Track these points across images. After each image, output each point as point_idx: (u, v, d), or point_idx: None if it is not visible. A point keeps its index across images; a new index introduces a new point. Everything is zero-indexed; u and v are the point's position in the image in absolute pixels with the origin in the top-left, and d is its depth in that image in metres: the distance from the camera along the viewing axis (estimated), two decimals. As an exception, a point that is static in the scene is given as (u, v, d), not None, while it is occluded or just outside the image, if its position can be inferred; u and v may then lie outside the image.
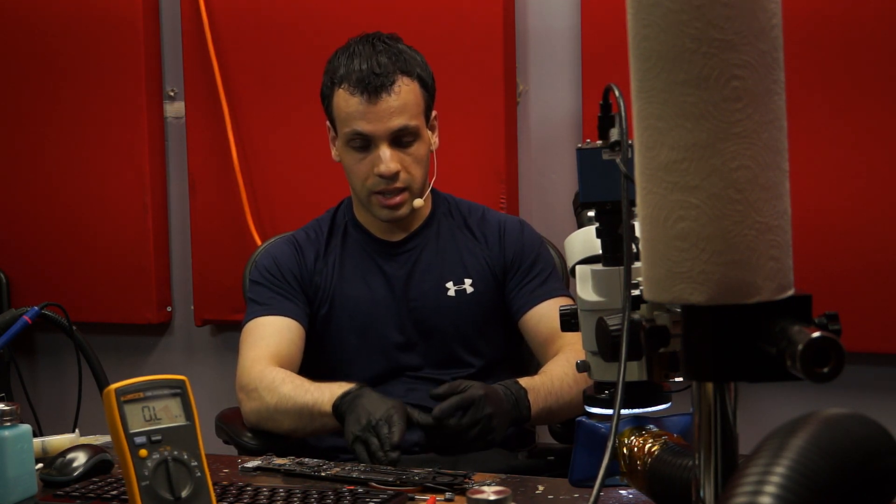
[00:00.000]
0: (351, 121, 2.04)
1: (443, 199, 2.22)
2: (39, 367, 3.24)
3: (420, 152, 2.08)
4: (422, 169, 2.09)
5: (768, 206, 0.89)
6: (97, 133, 3.04)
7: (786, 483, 0.76)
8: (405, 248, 2.16)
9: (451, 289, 2.13)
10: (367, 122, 2.02)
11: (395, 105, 2.02)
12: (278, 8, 2.87)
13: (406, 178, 2.06)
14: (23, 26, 3.08)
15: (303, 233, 2.22)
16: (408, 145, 2.06)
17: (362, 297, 2.14)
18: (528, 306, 2.12)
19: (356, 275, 2.15)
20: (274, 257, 2.17)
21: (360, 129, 2.03)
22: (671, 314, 0.94)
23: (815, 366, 0.83)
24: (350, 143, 2.07)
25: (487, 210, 2.25)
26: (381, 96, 2.02)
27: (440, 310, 2.12)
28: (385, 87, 2.02)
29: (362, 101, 2.02)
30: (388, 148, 2.04)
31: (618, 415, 1.09)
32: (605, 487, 1.41)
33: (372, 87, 2.02)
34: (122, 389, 1.25)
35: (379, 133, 2.03)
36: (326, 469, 1.66)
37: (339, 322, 2.14)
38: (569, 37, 2.70)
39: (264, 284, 2.14)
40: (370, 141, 2.04)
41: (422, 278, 2.14)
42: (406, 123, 2.04)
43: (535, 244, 2.19)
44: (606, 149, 1.27)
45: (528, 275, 2.14)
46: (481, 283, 2.14)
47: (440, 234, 2.18)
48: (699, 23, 0.87)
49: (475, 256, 2.16)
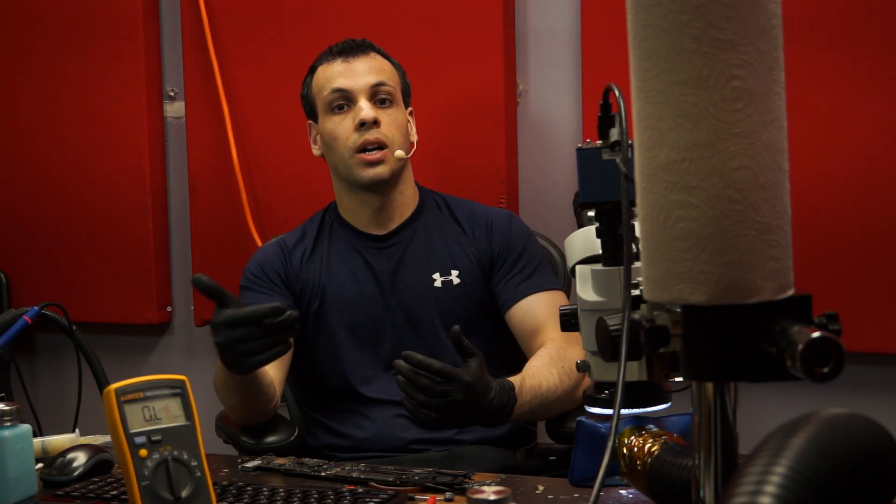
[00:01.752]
0: (330, 82, 2.16)
1: (430, 195, 2.26)
2: (39, 367, 3.24)
3: (398, 118, 2.16)
4: (400, 134, 2.15)
5: (768, 206, 0.89)
6: (97, 133, 3.04)
7: (786, 483, 0.76)
8: (391, 241, 2.18)
9: (437, 280, 2.15)
10: (345, 77, 2.15)
11: (372, 65, 2.17)
12: (278, 8, 2.87)
13: (385, 134, 2.13)
14: (23, 26, 3.08)
15: (291, 234, 2.27)
16: (386, 105, 2.15)
17: (350, 292, 2.15)
18: (513, 300, 2.12)
19: (344, 270, 2.17)
20: (259, 261, 2.22)
21: (338, 86, 2.15)
22: (671, 314, 0.94)
23: (815, 366, 0.83)
24: (331, 105, 2.16)
25: (476, 204, 2.27)
26: (358, 56, 2.18)
27: (427, 300, 2.13)
28: (362, 50, 2.19)
29: (340, 62, 2.17)
30: (367, 101, 2.13)
31: (618, 415, 1.09)
32: (605, 487, 1.41)
33: (349, 50, 2.18)
34: (122, 389, 1.25)
35: (358, 87, 2.14)
36: (326, 469, 1.66)
37: (329, 317, 2.15)
38: (569, 37, 2.70)
39: (250, 288, 2.18)
40: (350, 98, 2.14)
41: (409, 270, 2.16)
42: (384, 80, 2.16)
43: (523, 236, 2.19)
44: (606, 149, 1.27)
45: (514, 267, 2.15)
46: (468, 275, 2.15)
47: (427, 226, 2.20)
48: (699, 23, 0.88)
49: (463, 249, 2.17)
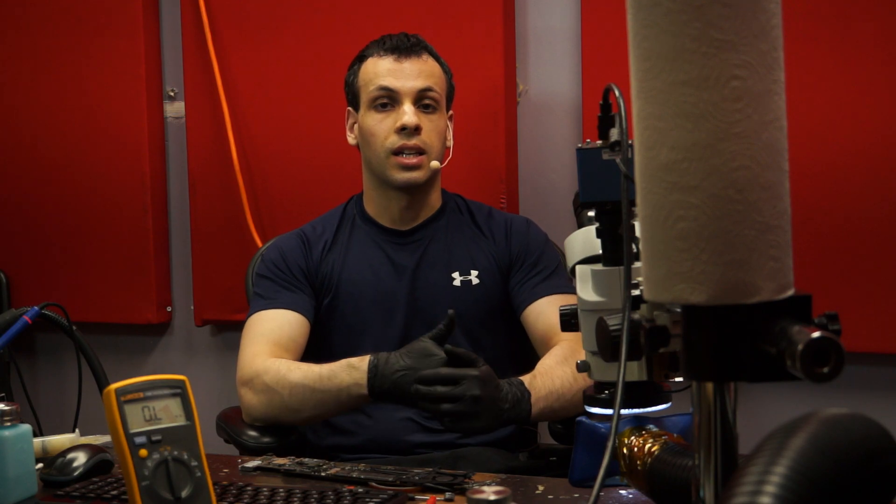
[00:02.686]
0: (378, 78, 2.13)
1: (451, 196, 2.27)
2: (39, 367, 3.24)
3: (440, 125, 2.15)
4: (439, 141, 2.15)
5: (768, 206, 0.89)
6: (97, 133, 3.04)
7: (786, 483, 0.76)
8: (414, 237, 2.19)
9: (456, 279, 2.16)
10: (394, 77, 2.12)
11: (422, 68, 2.14)
12: (278, 8, 2.87)
13: (425, 140, 2.12)
14: (23, 26, 3.08)
15: (310, 227, 2.24)
16: (430, 110, 2.13)
17: (367, 285, 2.15)
18: (529, 301, 2.14)
19: (362, 263, 2.17)
20: (281, 250, 2.19)
21: (386, 84, 2.12)
22: (671, 314, 0.94)
23: (815, 366, 0.83)
24: (375, 102, 2.13)
25: (493, 209, 2.29)
26: (409, 57, 2.14)
27: (445, 299, 2.13)
28: (415, 51, 2.15)
29: (392, 60, 2.14)
30: (412, 105, 2.11)
31: (618, 415, 1.09)
32: (605, 487, 1.41)
33: (402, 49, 2.14)
34: (122, 389, 1.25)
35: (405, 90, 2.12)
36: (326, 469, 1.66)
37: (343, 310, 2.15)
38: (569, 37, 2.70)
39: (269, 278, 2.15)
40: (395, 98, 2.12)
41: (430, 268, 2.16)
42: (431, 86, 2.13)
43: (541, 242, 2.21)
44: (606, 149, 1.27)
45: (532, 270, 2.16)
46: (487, 276, 2.16)
47: (449, 226, 2.21)
48: (699, 23, 0.87)
49: (482, 251, 2.18)
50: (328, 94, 2.64)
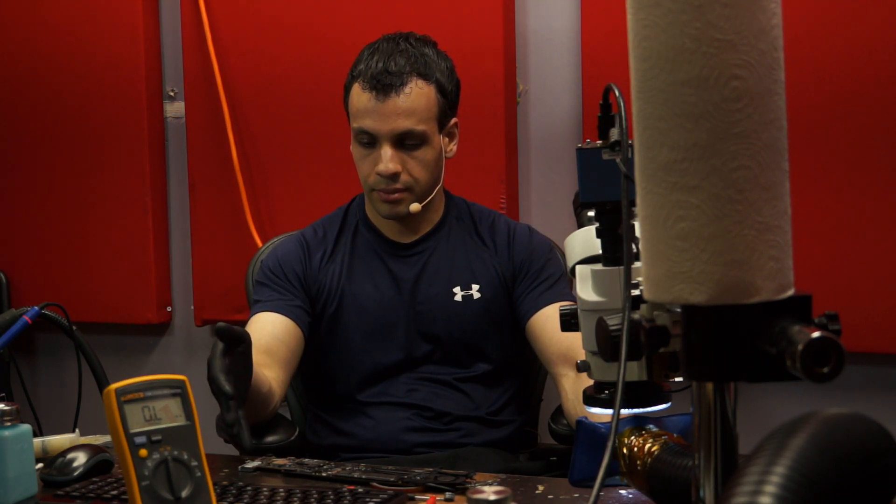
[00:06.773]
0: (359, 117, 2.05)
1: (454, 204, 2.22)
2: (39, 367, 3.24)
3: (426, 157, 2.07)
4: (427, 174, 2.08)
5: (768, 206, 0.89)
6: (97, 133, 3.04)
7: (786, 483, 0.76)
8: (415, 250, 2.16)
9: (457, 294, 2.13)
10: (372, 120, 2.03)
11: (402, 107, 2.02)
12: (278, 8, 2.87)
13: (407, 180, 2.06)
14: (22, 27, 3.08)
15: (311, 230, 2.21)
16: (412, 148, 2.05)
17: (370, 297, 2.13)
18: (533, 310, 2.11)
19: (364, 274, 2.15)
20: (278, 257, 2.18)
21: (365, 127, 2.04)
22: (671, 314, 0.94)
23: (815, 366, 0.83)
24: (357, 138, 2.08)
25: (497, 216, 2.23)
26: (389, 96, 2.02)
27: (446, 314, 2.12)
28: (395, 88, 2.02)
29: (371, 98, 2.03)
30: (391, 148, 2.04)
31: (618, 415, 1.09)
32: (605, 487, 1.41)
33: (381, 86, 2.02)
34: (122, 389, 1.25)
35: (383, 132, 2.03)
36: (326, 469, 1.66)
37: (346, 321, 2.14)
38: (569, 37, 2.70)
39: (266, 284, 2.15)
40: (375, 139, 2.05)
41: (430, 282, 2.14)
42: (411, 127, 2.03)
43: (545, 250, 2.17)
44: (606, 149, 1.27)
45: (536, 280, 2.13)
46: (489, 289, 2.13)
47: (450, 238, 2.17)
48: (699, 23, 0.87)
49: (484, 262, 2.15)
50: (328, 95, 2.64)
